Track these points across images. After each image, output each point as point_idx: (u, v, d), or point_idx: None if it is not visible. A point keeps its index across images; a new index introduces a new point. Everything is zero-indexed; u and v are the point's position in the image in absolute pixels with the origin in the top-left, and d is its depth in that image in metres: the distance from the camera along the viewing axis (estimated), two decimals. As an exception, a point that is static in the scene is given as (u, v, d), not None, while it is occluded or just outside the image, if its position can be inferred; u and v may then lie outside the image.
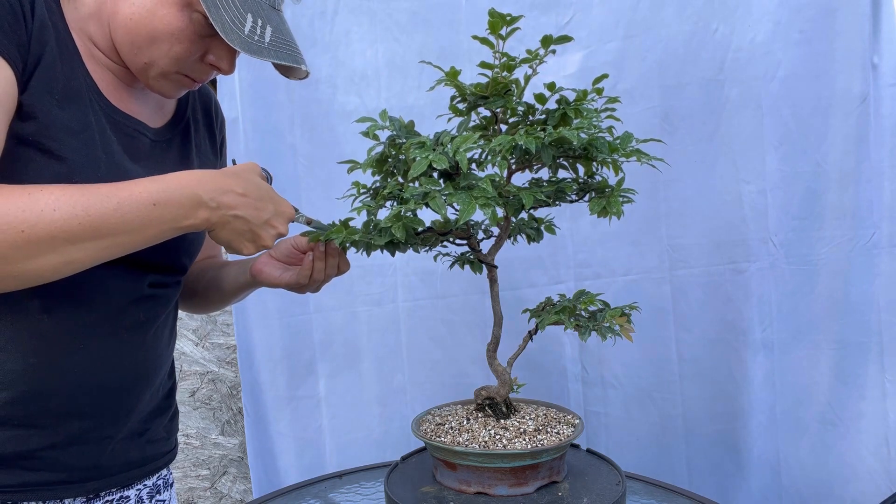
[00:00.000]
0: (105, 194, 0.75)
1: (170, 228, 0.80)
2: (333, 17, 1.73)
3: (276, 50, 0.89)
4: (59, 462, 0.86)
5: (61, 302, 0.84)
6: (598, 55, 1.69)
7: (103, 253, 0.76)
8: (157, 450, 1.01)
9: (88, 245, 0.74)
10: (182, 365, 1.98)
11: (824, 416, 1.55)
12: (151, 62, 0.88)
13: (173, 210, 0.79)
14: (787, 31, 1.55)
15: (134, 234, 0.77)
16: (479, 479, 0.98)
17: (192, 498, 1.99)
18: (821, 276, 1.54)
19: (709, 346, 1.69)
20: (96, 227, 0.73)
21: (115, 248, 0.77)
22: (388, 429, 1.84)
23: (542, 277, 1.77)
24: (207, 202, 0.82)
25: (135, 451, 0.96)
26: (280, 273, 1.06)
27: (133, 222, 0.76)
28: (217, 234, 0.86)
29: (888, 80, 1.44)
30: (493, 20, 0.95)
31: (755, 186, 1.61)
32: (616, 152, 0.97)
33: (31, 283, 0.74)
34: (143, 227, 0.77)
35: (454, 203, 0.88)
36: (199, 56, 0.90)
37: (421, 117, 1.07)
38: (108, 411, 0.91)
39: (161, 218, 0.78)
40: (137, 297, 0.92)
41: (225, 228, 0.85)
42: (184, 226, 0.81)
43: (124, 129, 0.91)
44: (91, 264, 0.77)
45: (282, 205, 0.92)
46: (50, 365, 0.84)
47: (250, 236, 0.88)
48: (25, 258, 0.70)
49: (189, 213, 0.81)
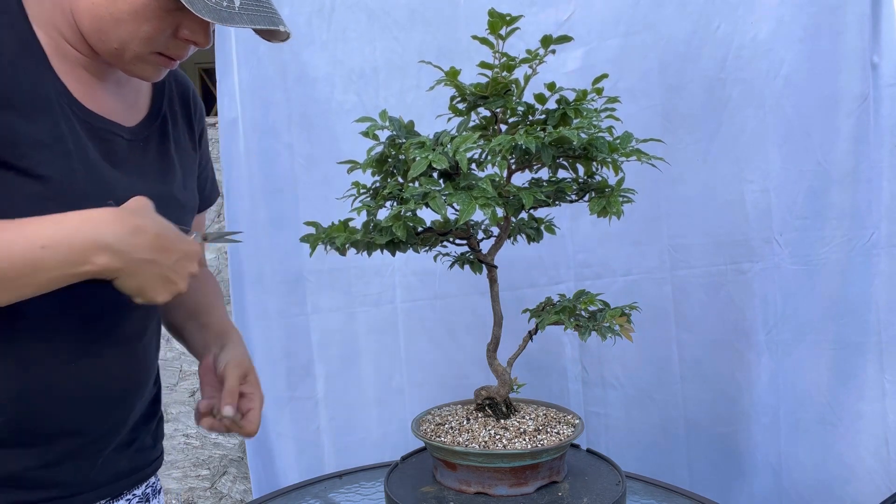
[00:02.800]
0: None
1: (64, 275, 0.73)
2: (331, 15, 1.75)
3: (249, 15, 0.83)
4: (51, 479, 0.86)
5: (55, 318, 0.83)
6: (598, 53, 1.72)
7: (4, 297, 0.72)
8: (144, 458, 1.02)
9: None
10: (182, 365, 2.01)
11: (824, 417, 1.58)
12: (122, 46, 0.84)
13: (63, 255, 0.72)
14: (789, 29, 1.57)
15: (26, 279, 0.72)
16: (479, 479, 1.01)
17: (192, 498, 2.03)
18: (821, 277, 1.57)
19: (710, 348, 1.71)
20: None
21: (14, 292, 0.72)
22: (386, 430, 1.87)
23: (542, 278, 1.80)
24: (112, 245, 0.74)
25: (124, 462, 0.97)
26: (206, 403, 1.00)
27: (21, 266, 0.71)
28: (124, 282, 0.78)
29: (888, 80, 1.47)
30: (493, 20, 0.98)
31: (758, 185, 1.63)
32: (616, 152, 0.99)
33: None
34: (32, 271, 0.71)
35: (454, 203, 0.90)
36: (171, 32, 0.85)
37: (420, 116, 1.09)
38: (101, 426, 0.91)
39: (50, 262, 0.72)
40: (127, 309, 0.90)
41: (135, 275, 0.77)
42: (77, 272, 0.74)
43: (99, 133, 0.87)
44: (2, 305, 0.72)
45: (188, 244, 0.85)
46: (45, 384, 0.84)
47: (163, 280, 0.80)
48: None
49: (83, 259, 0.73)
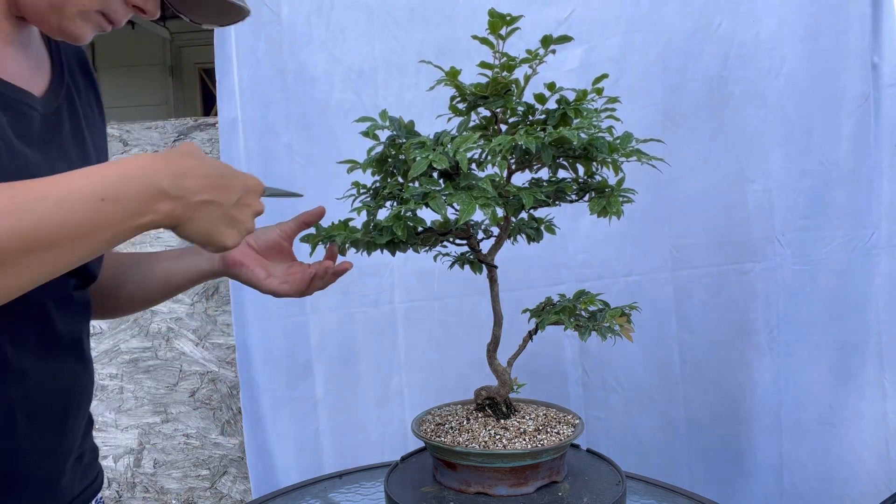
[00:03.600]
0: (41, 193, 0.60)
1: (127, 229, 0.66)
2: (330, 14, 1.77)
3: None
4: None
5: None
6: (598, 51, 1.73)
7: (43, 270, 0.62)
8: (91, 473, 0.94)
9: (30, 260, 0.59)
10: (182, 365, 2.02)
11: (824, 417, 1.60)
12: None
13: (125, 206, 0.64)
14: (791, 27, 1.59)
15: (82, 241, 0.63)
16: (479, 479, 1.01)
17: (192, 498, 2.04)
18: (823, 276, 1.58)
19: (712, 348, 1.73)
20: (34, 238, 0.59)
21: (58, 263, 0.63)
22: (385, 431, 1.89)
23: (543, 278, 1.81)
24: (168, 190, 0.67)
25: (78, 480, 0.89)
26: (265, 275, 0.98)
27: (79, 225, 0.61)
28: (187, 228, 0.71)
29: (888, 80, 1.49)
30: (493, 20, 0.98)
31: (760, 185, 1.65)
32: (616, 152, 1.00)
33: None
34: (91, 230, 0.63)
35: (454, 203, 0.91)
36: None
37: (419, 115, 1.10)
38: (59, 444, 0.83)
39: (111, 216, 0.63)
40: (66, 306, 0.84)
41: (196, 219, 0.71)
42: (140, 224, 0.66)
43: (12, 103, 0.77)
44: (26, 289, 0.62)
45: (247, 179, 0.79)
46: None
47: (228, 221, 0.75)
48: None
49: (146, 208, 0.66)
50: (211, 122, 2.08)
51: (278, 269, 1.02)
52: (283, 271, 1.02)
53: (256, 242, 1.02)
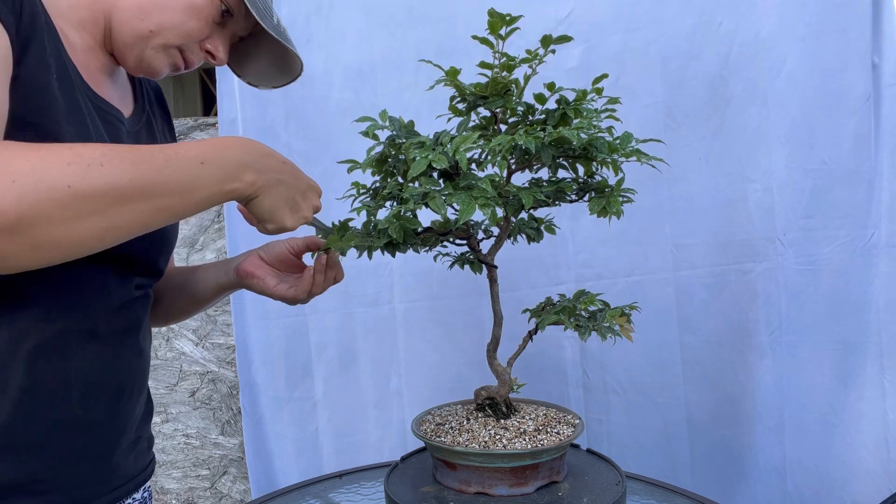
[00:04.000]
0: (151, 151, 0.73)
1: (217, 192, 0.79)
2: (329, 13, 1.78)
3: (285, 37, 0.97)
4: (65, 481, 0.85)
5: (60, 309, 0.84)
6: (599, 49, 1.74)
7: (148, 219, 0.73)
8: (145, 460, 1.03)
9: (135, 207, 0.70)
10: (182, 365, 2.03)
11: (825, 417, 1.60)
12: (158, 31, 0.91)
13: (221, 170, 0.78)
14: (792, 26, 1.59)
15: (181, 196, 0.74)
16: (479, 479, 1.02)
17: (192, 498, 2.05)
18: (824, 276, 1.59)
19: (714, 349, 1.72)
20: (145, 185, 0.70)
21: (160, 214, 0.74)
22: (384, 432, 1.90)
23: (543, 278, 1.82)
24: (252, 164, 0.82)
25: (130, 463, 0.97)
26: (276, 283, 1.07)
27: (181, 181, 0.74)
28: (261, 201, 0.85)
29: (888, 80, 1.49)
30: (493, 20, 0.99)
31: (761, 184, 1.65)
32: (616, 152, 1.01)
33: (65, 254, 0.69)
34: (191, 187, 0.75)
35: (454, 203, 0.92)
36: (201, 40, 0.96)
37: (418, 114, 1.11)
38: (110, 422, 0.92)
39: (209, 178, 0.77)
40: (128, 299, 0.94)
41: (270, 194, 0.85)
42: (230, 189, 0.80)
43: (106, 116, 0.91)
44: (132, 234, 0.73)
45: (312, 181, 0.94)
46: (53, 376, 0.84)
47: (293, 205, 0.89)
48: (70, 219, 0.66)
49: (236, 175, 0.80)
50: (211, 122, 2.09)
51: (290, 279, 1.10)
52: (294, 280, 1.10)
53: (267, 255, 1.10)
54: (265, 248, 1.12)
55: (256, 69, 1.11)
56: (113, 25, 0.92)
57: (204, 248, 2.02)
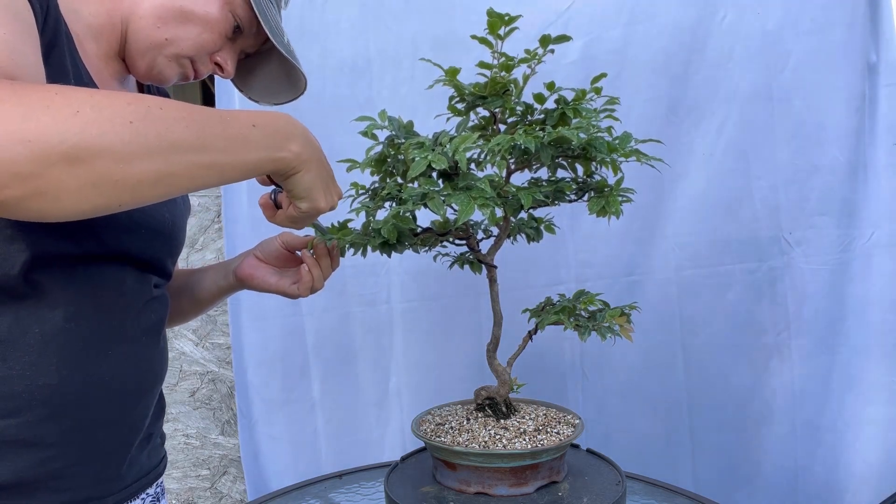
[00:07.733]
0: (205, 108, 0.77)
1: (265, 158, 0.83)
2: (323, 6, 1.82)
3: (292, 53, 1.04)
4: (83, 478, 0.90)
5: (86, 308, 0.89)
6: (599, 43, 1.77)
7: (201, 172, 0.76)
8: (158, 455, 1.10)
9: (190, 158, 0.73)
10: (182, 365, 2.08)
11: (829, 419, 1.64)
12: (172, 40, 0.98)
13: (271, 137, 0.83)
14: (797, 20, 1.63)
15: (233, 155, 0.78)
16: (479, 479, 1.08)
17: (192, 498, 2.10)
18: (829, 276, 1.64)
19: (718, 352, 1.76)
20: (200, 136, 0.74)
21: (210, 171, 0.77)
22: (383, 432, 1.94)
23: (543, 278, 1.85)
24: (300, 137, 0.87)
25: (144, 458, 1.03)
26: (276, 279, 1.15)
27: (234, 140, 0.78)
28: (302, 177, 0.89)
29: (886, 79, 1.54)
30: (492, 20, 1.04)
31: (766, 182, 1.68)
32: (615, 152, 1.06)
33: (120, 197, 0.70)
34: (243, 147, 0.79)
35: (453, 203, 0.96)
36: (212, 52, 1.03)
37: (413, 109, 1.15)
38: (129, 418, 0.97)
39: (260, 142, 0.82)
40: (148, 298, 1.01)
41: (310, 171, 0.90)
42: (278, 157, 0.85)
43: None
44: (183, 188, 0.76)
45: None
46: (81, 376, 0.89)
47: (326, 187, 0.94)
48: (131, 156, 0.68)
49: (283, 144, 0.85)
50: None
51: (290, 273, 1.18)
52: (294, 274, 1.18)
53: (263, 253, 1.18)
54: (260, 246, 1.19)
55: (260, 86, 1.19)
56: (129, 32, 0.98)
57: (204, 248, 2.08)
